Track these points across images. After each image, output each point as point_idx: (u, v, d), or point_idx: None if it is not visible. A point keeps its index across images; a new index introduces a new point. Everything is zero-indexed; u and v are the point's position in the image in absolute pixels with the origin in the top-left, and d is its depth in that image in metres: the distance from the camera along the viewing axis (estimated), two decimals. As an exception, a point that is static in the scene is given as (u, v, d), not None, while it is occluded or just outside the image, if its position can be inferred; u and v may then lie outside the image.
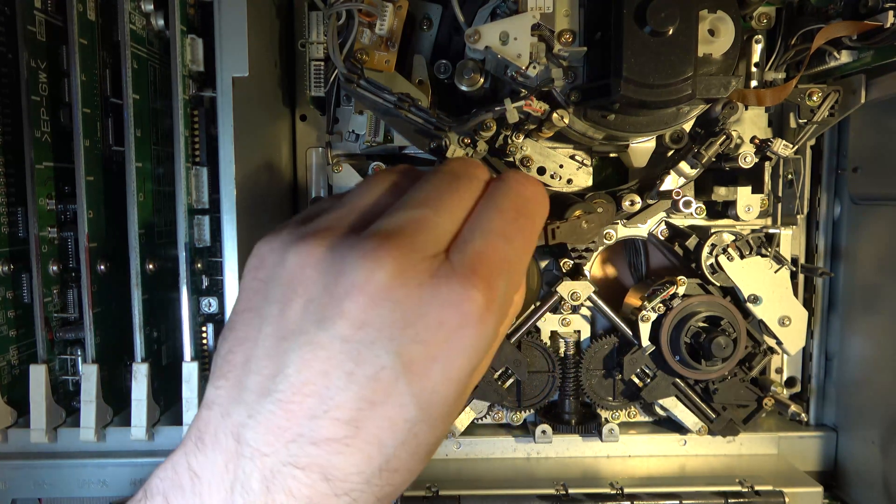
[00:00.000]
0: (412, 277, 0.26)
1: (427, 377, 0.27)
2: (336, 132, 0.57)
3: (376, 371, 0.26)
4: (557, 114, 0.46)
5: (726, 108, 0.49)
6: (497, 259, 0.28)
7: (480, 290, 0.27)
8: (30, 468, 0.54)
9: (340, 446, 0.26)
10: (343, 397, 0.26)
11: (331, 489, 0.26)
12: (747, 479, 0.55)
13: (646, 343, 0.56)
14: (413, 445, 0.27)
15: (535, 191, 0.33)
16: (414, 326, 0.26)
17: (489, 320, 0.27)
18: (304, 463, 0.26)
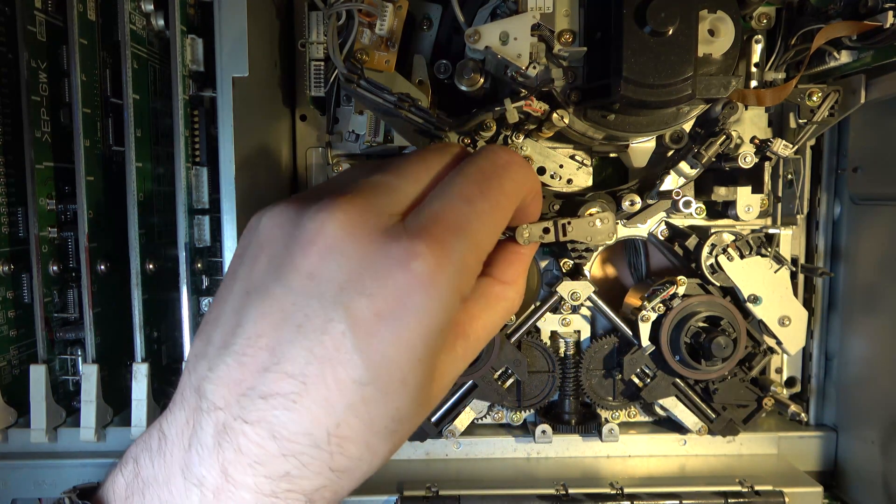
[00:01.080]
0: (363, 232, 0.26)
1: (375, 335, 0.26)
2: (336, 132, 0.57)
3: (324, 324, 0.26)
4: (557, 114, 0.46)
5: (726, 108, 0.49)
6: (453, 219, 0.27)
7: (430, 247, 0.26)
8: (30, 468, 0.54)
9: (288, 402, 0.26)
10: (293, 351, 0.26)
11: (278, 448, 0.26)
12: (747, 479, 0.55)
13: (646, 343, 0.56)
14: (364, 413, 0.26)
15: (509, 158, 0.31)
16: (362, 281, 0.26)
17: (441, 281, 0.26)
18: (253, 418, 0.26)
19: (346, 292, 0.26)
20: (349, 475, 0.28)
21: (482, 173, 0.30)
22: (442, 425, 0.58)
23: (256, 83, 0.48)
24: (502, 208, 0.30)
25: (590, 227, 0.40)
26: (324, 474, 0.26)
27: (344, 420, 0.26)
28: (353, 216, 0.27)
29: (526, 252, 0.35)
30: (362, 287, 0.26)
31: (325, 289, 0.26)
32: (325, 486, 0.27)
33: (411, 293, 0.26)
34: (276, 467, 0.26)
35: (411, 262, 0.26)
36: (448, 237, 0.27)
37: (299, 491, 0.26)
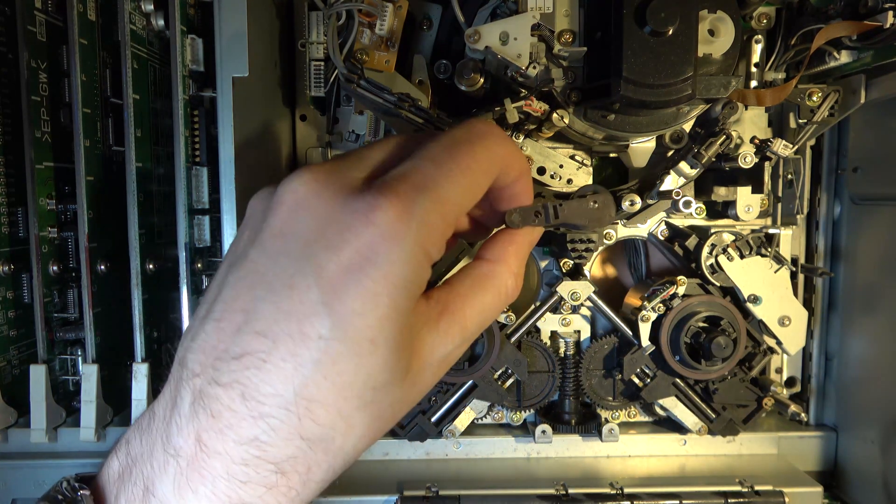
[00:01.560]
0: (329, 189, 0.27)
1: (340, 288, 0.25)
2: (336, 132, 0.57)
3: (291, 278, 0.26)
4: (557, 114, 0.46)
5: (726, 108, 0.49)
6: (418, 178, 0.27)
7: (391, 201, 0.26)
8: (30, 468, 0.54)
9: (258, 360, 0.25)
10: (263, 308, 0.26)
11: (247, 410, 0.25)
12: (747, 479, 0.55)
13: (646, 343, 0.56)
14: (333, 372, 0.25)
15: (485, 128, 0.31)
16: (326, 236, 0.26)
17: (402, 233, 0.26)
18: (225, 380, 0.26)
19: (311, 247, 0.26)
20: (323, 447, 0.26)
21: (453, 139, 0.29)
22: (442, 425, 0.58)
23: (256, 83, 0.48)
24: (472, 172, 0.29)
25: (585, 208, 0.37)
26: (293, 442, 0.26)
27: (311, 379, 0.25)
28: (320, 176, 0.27)
29: (519, 237, 0.34)
30: (327, 241, 0.26)
31: (292, 245, 0.26)
32: (295, 457, 0.26)
33: (373, 246, 0.26)
34: (245, 431, 0.25)
35: (372, 214, 0.26)
36: (410, 192, 0.27)
37: (269, 459, 0.26)
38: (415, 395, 0.29)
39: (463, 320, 0.30)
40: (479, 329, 0.31)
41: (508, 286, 0.32)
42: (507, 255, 0.33)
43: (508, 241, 0.33)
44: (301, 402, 0.25)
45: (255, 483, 0.26)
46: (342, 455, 0.27)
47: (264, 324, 0.26)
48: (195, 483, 0.26)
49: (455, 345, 0.30)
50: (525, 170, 0.33)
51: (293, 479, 0.26)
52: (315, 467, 0.27)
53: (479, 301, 0.31)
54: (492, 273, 0.32)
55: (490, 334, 0.55)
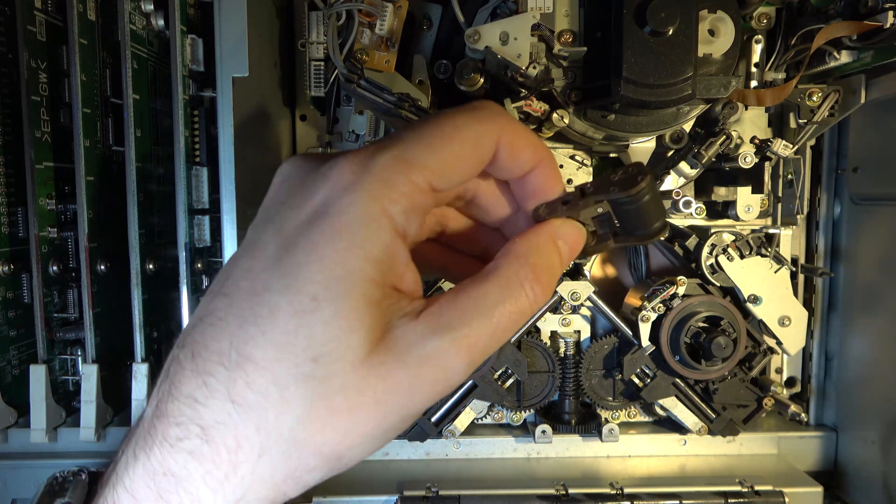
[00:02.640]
0: (308, 163, 0.27)
1: (291, 242, 0.24)
2: (336, 132, 0.57)
3: (257, 239, 0.26)
4: (557, 114, 0.46)
5: (726, 108, 0.49)
6: (387, 140, 0.26)
7: (350, 160, 0.25)
8: (30, 468, 0.54)
9: (215, 319, 0.25)
10: (233, 271, 0.26)
11: (193, 366, 0.24)
12: (747, 479, 0.55)
13: (646, 343, 0.56)
14: (271, 327, 0.24)
15: (478, 102, 0.28)
16: (293, 197, 0.26)
17: (355, 186, 0.24)
18: (187, 341, 0.25)
19: (279, 208, 0.26)
20: (255, 420, 0.24)
21: (441, 112, 0.27)
22: (442, 425, 0.58)
23: (256, 83, 0.48)
24: (451, 139, 0.26)
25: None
26: (224, 405, 0.24)
27: (251, 335, 0.24)
28: (307, 154, 0.28)
29: (544, 227, 0.28)
30: (292, 202, 0.26)
31: (268, 213, 0.26)
32: (224, 423, 0.24)
33: (327, 199, 0.25)
34: (185, 387, 0.24)
35: (330, 170, 0.25)
36: (371, 150, 0.25)
37: (198, 421, 0.24)
38: (382, 391, 0.24)
39: (453, 315, 0.25)
40: (484, 331, 0.25)
41: (521, 275, 0.26)
42: (523, 247, 0.27)
43: (529, 233, 0.28)
44: (238, 358, 0.24)
45: (182, 450, 0.24)
46: (278, 441, 0.24)
47: (230, 285, 0.25)
48: (140, 448, 0.25)
49: (443, 342, 0.24)
50: (544, 156, 0.29)
51: (220, 452, 0.24)
52: (244, 444, 0.24)
53: (480, 294, 0.26)
54: (499, 265, 0.27)
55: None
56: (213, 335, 0.24)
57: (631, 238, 0.29)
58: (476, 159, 0.27)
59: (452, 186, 0.27)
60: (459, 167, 0.26)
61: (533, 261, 0.27)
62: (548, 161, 0.29)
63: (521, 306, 0.26)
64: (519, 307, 0.26)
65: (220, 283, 0.26)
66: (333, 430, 0.24)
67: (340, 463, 0.25)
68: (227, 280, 0.26)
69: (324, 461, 0.25)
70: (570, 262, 0.29)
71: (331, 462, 0.25)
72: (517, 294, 0.26)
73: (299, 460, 0.24)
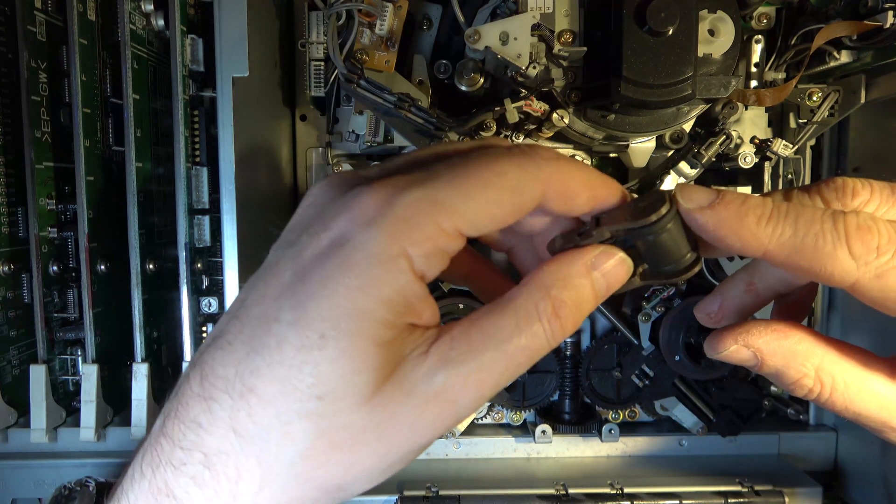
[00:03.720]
0: (336, 187, 0.26)
1: (307, 272, 0.24)
2: (336, 132, 0.57)
3: (275, 265, 0.25)
4: (557, 114, 0.46)
5: (726, 108, 0.49)
6: (419, 176, 0.24)
7: (375, 193, 0.23)
8: (30, 468, 0.54)
9: (225, 342, 0.24)
10: (250, 294, 0.25)
11: (200, 390, 0.24)
12: (747, 479, 0.55)
13: (646, 343, 0.56)
14: (276, 360, 0.23)
15: (529, 147, 0.26)
16: (314, 224, 0.25)
17: (375, 223, 0.23)
18: (198, 360, 0.25)
19: (300, 234, 0.25)
20: (256, 452, 0.23)
21: (484, 150, 0.26)
22: (442, 425, 0.58)
23: (256, 83, 0.48)
24: (489, 184, 0.24)
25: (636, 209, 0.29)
26: (227, 435, 0.23)
27: (256, 365, 0.23)
28: (335, 177, 0.26)
29: (565, 256, 0.26)
30: (312, 228, 0.25)
31: (292, 236, 0.25)
32: (226, 453, 0.23)
33: (346, 231, 0.24)
34: (192, 411, 0.24)
35: (352, 201, 0.24)
36: (400, 185, 0.24)
37: (201, 448, 0.24)
38: (386, 428, 0.23)
39: (466, 347, 0.24)
40: (496, 367, 0.24)
41: (539, 308, 0.24)
42: (548, 277, 0.25)
43: (558, 260, 0.26)
44: (242, 389, 0.23)
45: (185, 474, 0.24)
46: (279, 474, 0.23)
47: (245, 308, 0.25)
48: (147, 465, 0.25)
49: (450, 377, 0.23)
50: (606, 194, 0.26)
51: (221, 481, 0.24)
52: (245, 476, 0.23)
53: (494, 328, 0.24)
54: (518, 295, 0.25)
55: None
56: (222, 360, 0.24)
57: (659, 275, 0.26)
58: (515, 209, 0.25)
59: (484, 234, 0.25)
60: (495, 216, 0.24)
61: (555, 294, 0.24)
62: (608, 195, 0.26)
63: (539, 344, 0.24)
64: (536, 344, 0.24)
65: (238, 303, 0.26)
66: (336, 464, 0.24)
67: (342, 494, 0.25)
68: (243, 302, 0.25)
69: (324, 493, 0.24)
70: (605, 298, 0.26)
71: (331, 493, 0.25)
72: (535, 330, 0.24)
73: (300, 493, 0.24)
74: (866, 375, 0.27)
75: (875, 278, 0.24)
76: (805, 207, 0.25)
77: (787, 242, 0.25)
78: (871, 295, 0.25)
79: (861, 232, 0.24)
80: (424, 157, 0.27)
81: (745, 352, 0.28)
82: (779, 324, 0.28)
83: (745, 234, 0.25)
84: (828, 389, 0.27)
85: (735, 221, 0.25)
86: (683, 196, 0.25)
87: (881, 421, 0.27)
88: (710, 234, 0.25)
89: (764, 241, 0.25)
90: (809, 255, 0.24)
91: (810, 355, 0.27)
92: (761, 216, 0.25)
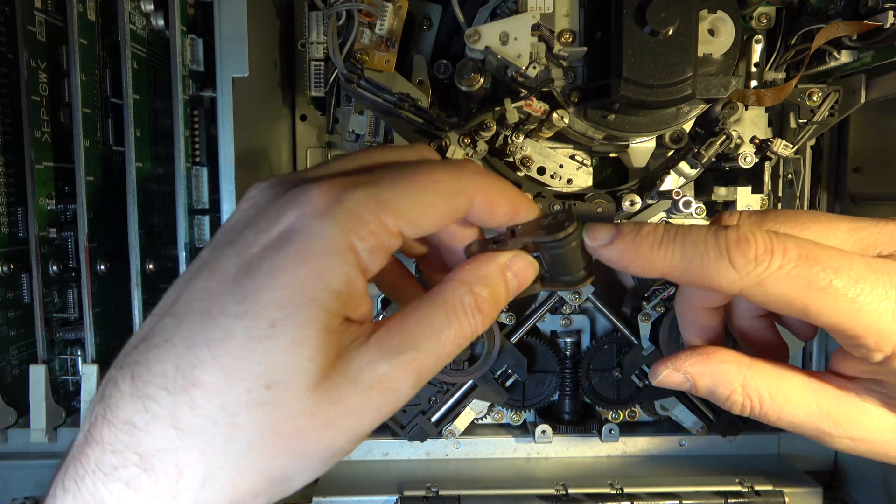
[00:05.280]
0: (276, 187, 0.26)
1: (254, 266, 0.24)
2: (336, 132, 0.57)
3: (215, 262, 0.25)
4: (557, 114, 0.46)
5: (726, 108, 0.49)
6: (363, 178, 0.26)
7: (322, 188, 0.25)
8: (30, 468, 0.54)
9: (161, 340, 0.24)
10: (187, 293, 0.25)
11: (132, 390, 0.23)
12: (747, 479, 0.55)
13: (646, 343, 0.56)
14: (222, 352, 0.23)
15: (462, 161, 0.29)
16: (258, 222, 0.25)
17: (325, 216, 0.24)
18: (127, 361, 0.24)
19: (242, 232, 0.25)
20: (200, 446, 0.23)
21: (423, 162, 0.28)
22: (442, 425, 0.58)
23: (256, 83, 0.48)
24: (426, 190, 0.26)
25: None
26: (166, 431, 0.23)
27: (199, 358, 0.23)
28: (274, 178, 0.27)
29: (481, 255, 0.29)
30: (257, 226, 0.25)
31: (232, 235, 0.26)
32: (165, 450, 0.23)
33: (294, 225, 0.24)
34: (122, 413, 0.23)
35: (300, 197, 0.25)
36: (346, 184, 0.25)
37: (136, 449, 0.23)
38: (333, 414, 0.24)
39: (403, 337, 0.25)
40: (431, 355, 0.26)
41: (465, 303, 0.27)
42: (469, 275, 0.28)
43: (478, 260, 0.28)
44: (183, 382, 0.23)
45: (117, 479, 0.23)
46: (224, 467, 0.23)
47: (181, 305, 0.25)
48: (70, 479, 0.24)
49: (392, 365, 0.25)
50: (522, 208, 0.29)
51: (159, 481, 0.23)
52: (187, 472, 0.23)
53: (427, 319, 0.26)
54: (445, 290, 0.27)
55: (490, 334, 0.55)
56: (157, 357, 0.24)
57: (557, 283, 0.30)
58: (449, 213, 0.27)
59: (420, 235, 0.27)
60: (431, 218, 0.26)
61: (477, 290, 0.27)
62: (525, 211, 0.29)
63: (465, 333, 0.26)
64: (463, 333, 0.26)
65: (169, 303, 0.25)
66: (283, 453, 0.24)
67: (286, 486, 0.25)
68: (177, 300, 0.25)
69: (270, 485, 0.24)
70: (514, 295, 0.29)
71: (276, 486, 0.25)
72: (462, 321, 0.26)
73: (246, 486, 0.24)
74: (788, 386, 0.29)
75: (757, 286, 0.26)
76: (692, 228, 0.28)
77: (677, 263, 0.27)
78: (757, 300, 0.27)
79: (740, 245, 0.26)
80: (364, 161, 0.29)
81: (677, 375, 0.32)
82: (705, 348, 0.32)
83: (641, 261, 0.28)
84: (757, 402, 0.29)
85: (632, 251, 0.28)
86: (589, 235, 0.29)
87: (813, 426, 0.29)
88: (615, 264, 0.29)
89: (658, 265, 0.28)
90: (698, 271, 0.27)
91: (734, 373, 0.30)
92: (653, 243, 0.28)
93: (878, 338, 0.26)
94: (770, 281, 0.26)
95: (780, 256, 0.26)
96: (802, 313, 0.26)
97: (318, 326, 0.24)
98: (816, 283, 0.26)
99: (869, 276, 0.26)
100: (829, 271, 0.26)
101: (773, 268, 0.26)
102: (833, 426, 0.29)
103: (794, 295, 0.26)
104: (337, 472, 0.58)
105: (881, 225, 0.29)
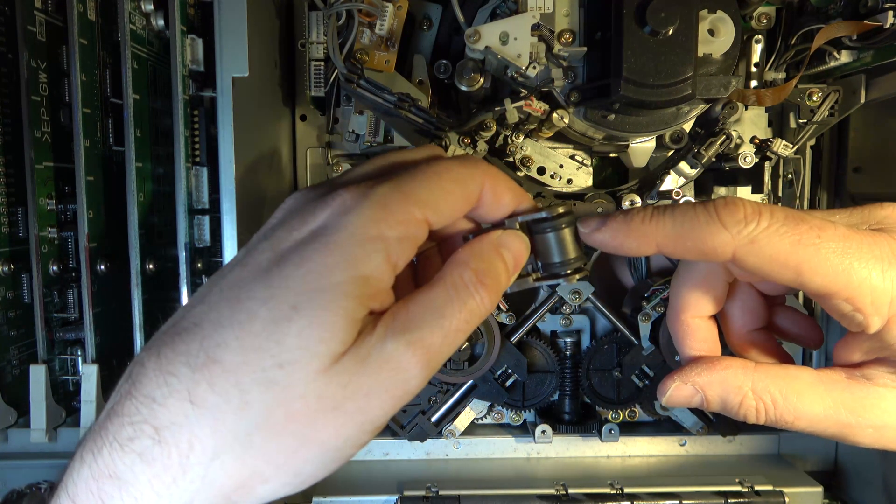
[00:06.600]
0: (309, 192, 0.28)
1: (284, 257, 0.25)
2: (336, 132, 0.57)
3: (248, 256, 0.26)
4: (557, 114, 0.46)
5: (726, 108, 0.49)
6: (384, 177, 0.27)
7: (350, 190, 0.26)
8: (30, 468, 0.54)
9: (190, 324, 0.25)
10: (223, 282, 0.26)
11: (155, 366, 0.24)
12: (747, 479, 0.55)
13: (646, 343, 0.56)
14: (244, 332, 0.24)
15: (469, 157, 0.30)
16: (291, 221, 0.27)
17: (355, 208, 0.25)
18: (157, 344, 0.25)
19: (275, 230, 0.27)
20: (211, 422, 0.24)
21: (435, 160, 0.29)
22: (442, 425, 0.58)
23: (256, 83, 0.48)
24: (441, 178, 0.27)
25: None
26: (183, 408, 0.24)
27: (224, 340, 0.24)
28: (308, 188, 0.29)
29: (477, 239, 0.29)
30: (290, 225, 0.26)
31: (267, 234, 0.27)
32: (179, 424, 0.24)
33: (325, 221, 0.26)
34: (144, 388, 0.24)
35: (331, 197, 0.26)
36: (372, 183, 0.26)
37: (152, 421, 0.24)
38: (341, 397, 0.24)
39: (406, 318, 0.26)
40: (437, 332, 0.26)
41: (465, 278, 0.27)
42: (464, 254, 0.28)
43: (471, 242, 0.29)
44: (206, 360, 0.24)
45: (131, 451, 0.24)
46: (233, 445, 0.24)
47: (214, 293, 0.26)
48: (88, 450, 0.25)
49: (398, 344, 0.25)
50: (524, 199, 0.31)
51: (171, 454, 0.24)
52: (198, 447, 0.24)
53: (426, 298, 0.27)
54: (444, 272, 0.28)
55: (490, 334, 0.55)
56: (184, 339, 0.25)
57: (551, 275, 0.31)
58: (464, 198, 0.28)
59: (444, 222, 0.28)
60: (450, 203, 0.27)
61: (475, 266, 0.28)
62: (526, 203, 0.31)
63: (470, 307, 0.27)
64: (468, 308, 0.27)
65: (202, 294, 0.26)
66: (290, 436, 0.24)
67: (297, 480, 0.25)
68: (210, 291, 0.26)
69: (277, 471, 0.25)
70: (515, 271, 0.30)
71: (284, 477, 0.25)
72: (464, 296, 0.27)
73: (253, 468, 0.24)
74: (798, 384, 0.29)
75: (749, 244, 0.27)
76: (680, 203, 0.29)
77: (670, 231, 0.28)
78: (750, 264, 0.27)
79: (728, 207, 0.27)
80: (382, 163, 0.30)
81: (686, 389, 0.31)
82: (709, 357, 0.32)
83: (634, 235, 0.29)
84: (771, 405, 0.29)
85: (624, 227, 0.29)
86: (582, 224, 0.30)
87: (832, 421, 0.29)
88: (609, 244, 0.30)
89: (651, 237, 0.28)
90: (690, 235, 0.28)
91: (741, 377, 0.30)
92: (644, 217, 0.29)
93: (872, 296, 0.26)
94: (762, 238, 0.27)
95: (769, 216, 0.27)
96: (796, 273, 0.27)
97: (338, 311, 0.24)
98: (807, 239, 0.26)
99: (853, 236, 0.27)
100: (816, 229, 0.27)
101: (762, 226, 0.27)
102: (852, 416, 0.29)
103: (787, 252, 0.26)
104: (337, 471, 0.57)
105: (868, 208, 0.30)
